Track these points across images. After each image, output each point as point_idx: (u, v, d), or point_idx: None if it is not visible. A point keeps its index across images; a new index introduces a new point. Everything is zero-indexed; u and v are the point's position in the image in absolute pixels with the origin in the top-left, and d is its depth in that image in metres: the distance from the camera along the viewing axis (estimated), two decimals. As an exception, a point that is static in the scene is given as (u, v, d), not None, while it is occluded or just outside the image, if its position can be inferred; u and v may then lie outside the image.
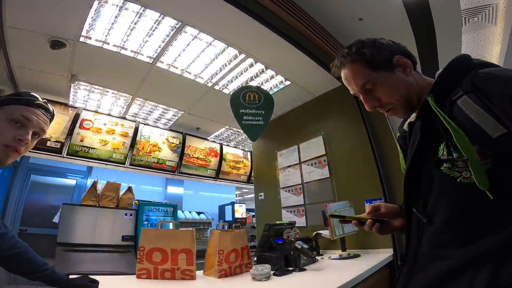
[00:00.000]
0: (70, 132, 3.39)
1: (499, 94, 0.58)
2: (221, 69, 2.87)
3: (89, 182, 4.96)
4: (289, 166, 3.35)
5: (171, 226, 4.03)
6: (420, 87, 0.79)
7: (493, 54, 4.54)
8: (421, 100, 0.75)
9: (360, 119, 2.77)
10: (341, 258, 2.15)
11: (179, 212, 4.97)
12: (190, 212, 5.56)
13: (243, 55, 2.63)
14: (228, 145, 5.05)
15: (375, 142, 2.68)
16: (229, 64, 2.78)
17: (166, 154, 4.11)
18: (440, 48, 3.18)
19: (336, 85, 2.98)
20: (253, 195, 3.95)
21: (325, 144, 3.03)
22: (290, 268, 1.68)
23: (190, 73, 2.92)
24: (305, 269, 1.70)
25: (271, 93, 2.90)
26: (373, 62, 0.80)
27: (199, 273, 1.60)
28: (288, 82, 3.05)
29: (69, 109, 3.43)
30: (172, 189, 6.23)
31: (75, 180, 5.12)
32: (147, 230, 1.54)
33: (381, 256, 2.09)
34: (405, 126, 0.85)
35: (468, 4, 3.06)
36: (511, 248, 0.55)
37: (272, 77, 3.00)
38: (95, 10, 2.11)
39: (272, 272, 1.53)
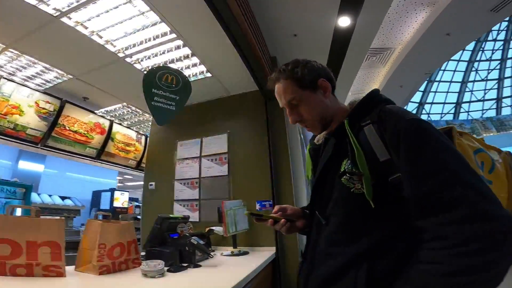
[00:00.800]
0: None
1: (390, 129, 0.72)
2: (142, 42, 2.50)
3: None
4: (189, 158, 3.23)
5: (19, 212, 3.12)
6: (334, 109, 0.92)
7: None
8: (333, 120, 0.91)
9: (264, 125, 2.98)
10: (232, 254, 2.22)
11: (34, 195, 3.93)
12: (50, 196, 4.48)
13: (174, 35, 2.37)
14: (120, 124, 4.37)
15: (273, 150, 2.92)
16: (154, 39, 2.46)
17: (30, 121, 3.15)
18: (340, 76, 3.79)
19: (251, 89, 3.10)
20: (137, 183, 3.56)
21: (229, 142, 3.09)
22: (185, 264, 1.60)
23: (101, 37, 2.41)
24: (200, 265, 1.66)
25: (191, 80, 2.74)
26: (301, 81, 0.91)
27: (69, 268, 1.33)
28: (209, 74, 2.95)
29: None
30: (27, 165, 4.89)
31: None
32: None
33: (266, 253, 2.28)
34: (318, 140, 0.97)
35: (377, 44, 3.87)
36: (377, 249, 0.70)
37: (194, 65, 2.83)
38: None
39: (166, 268, 1.42)
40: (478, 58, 15.22)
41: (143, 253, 1.74)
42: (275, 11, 2.69)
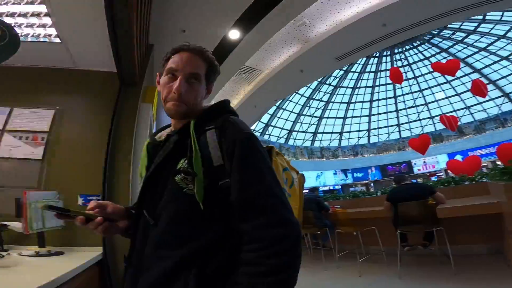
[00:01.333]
0: None
1: (229, 138, 0.78)
2: None
3: None
4: (-20, 129, 2.33)
5: None
6: (198, 106, 0.91)
7: (232, 104, 6.69)
8: (189, 116, 0.87)
9: (110, 112, 2.62)
10: (38, 255, 1.78)
11: None
12: None
13: None
14: None
15: (113, 138, 2.59)
16: None
17: None
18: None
19: (108, 69, 2.66)
20: None
21: (54, 120, 2.50)
22: None
23: None
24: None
25: (23, 40, 2.07)
26: (210, 71, 0.92)
27: None
28: (56, 40, 2.33)
29: None
30: None
31: None
32: None
33: (89, 254, 1.96)
34: (160, 137, 0.93)
35: (249, 63, 4.18)
36: (205, 251, 0.72)
37: (43, 25, 2.21)
38: None
39: None
40: (314, 96, 20.31)
41: None
42: (171, 4, 2.54)
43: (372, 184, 20.51)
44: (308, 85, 18.16)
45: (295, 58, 8.11)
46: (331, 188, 20.76)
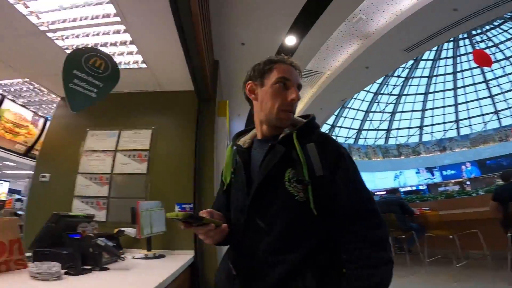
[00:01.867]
0: None
1: (332, 151, 0.86)
2: (76, 20, 2.16)
3: None
4: (100, 151, 2.88)
5: None
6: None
7: (298, 109, 6.60)
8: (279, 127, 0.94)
9: (194, 128, 2.93)
10: (146, 257, 2.08)
11: None
12: None
13: (117, 18, 2.11)
14: (13, 101, 3.53)
15: (199, 152, 2.88)
16: (92, 19, 2.14)
17: None
18: None
19: (186, 88, 3.00)
20: (21, 171, 2.95)
21: (152, 139, 2.91)
22: (88, 267, 1.42)
23: (27, 7, 1.99)
24: (107, 268, 1.50)
25: (119, 68, 2.48)
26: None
27: None
28: (143, 66, 2.72)
29: None
30: None
31: None
32: None
33: (184, 257, 2.20)
34: (244, 143, 1.00)
35: (311, 66, 4.24)
36: (315, 255, 0.78)
37: (130, 53, 2.58)
38: None
39: (63, 271, 1.23)
40: (382, 91, 18.79)
41: (28, 254, 1.46)
42: (231, 18, 2.76)
43: (468, 182, 17.27)
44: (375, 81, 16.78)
45: (358, 55, 7.65)
46: (414, 188, 18.42)
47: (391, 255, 0.76)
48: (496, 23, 15.39)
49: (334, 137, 0.99)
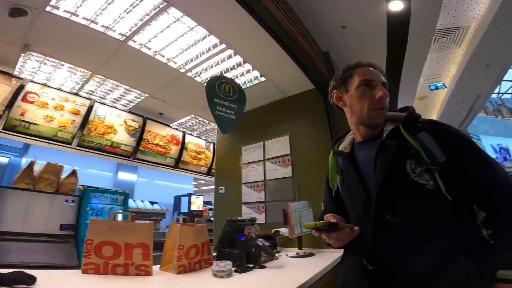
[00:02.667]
0: (10, 104, 2.92)
1: (453, 138, 0.86)
2: (197, 56, 2.72)
3: (24, 161, 4.37)
4: (253, 162, 3.34)
5: (120, 217, 3.76)
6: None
7: (448, 75, 5.05)
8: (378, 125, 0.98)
9: (326, 123, 2.87)
10: (297, 256, 2.20)
11: (131, 201, 4.66)
12: (142, 201, 5.24)
13: (223, 45, 2.52)
14: (191, 134, 4.84)
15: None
16: (207, 52, 2.65)
17: (122, 138, 3.78)
18: (405, 65, 3.43)
19: (308, 88, 3.03)
20: (209, 187, 3.86)
21: (290, 144, 3.08)
22: (250, 265, 1.67)
23: (163, 56, 2.72)
24: (265, 266, 1.70)
25: (244, 87, 2.83)
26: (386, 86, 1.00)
27: (155, 268, 1.49)
28: (263, 79, 3.02)
29: (13, 79, 2.97)
30: (124, 176, 5.82)
31: (8, 158, 4.47)
32: (97, 222, 1.39)
33: (333, 255, 2.18)
34: (345, 148, 1.05)
35: (443, 24, 3.37)
36: (461, 237, 0.78)
37: (248, 71, 2.94)
38: None
39: (233, 268, 1.50)
40: None
41: (214, 254, 1.87)
42: (319, 5, 2.58)
43: None
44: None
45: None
46: None
47: None
48: None
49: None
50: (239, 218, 2.31)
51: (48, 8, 2.09)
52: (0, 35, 2.41)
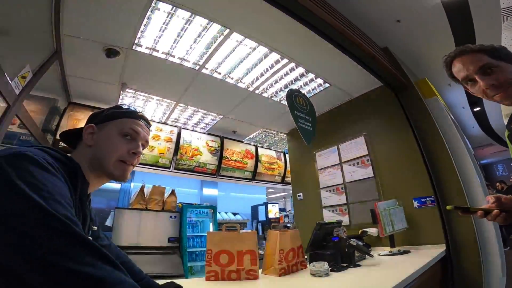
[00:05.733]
0: (121, 138, 3.61)
1: None
2: (262, 74, 2.94)
3: (133, 186, 5.25)
4: (330, 167, 3.37)
5: (211, 227, 4.22)
6: None
7: None
8: None
9: (403, 118, 2.76)
10: (391, 254, 2.16)
11: (217, 214, 5.14)
12: (226, 213, 5.72)
13: (285, 60, 2.69)
14: (262, 147, 5.14)
15: (420, 139, 2.64)
16: (270, 68, 2.85)
17: (207, 158, 4.29)
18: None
19: (375, 86, 2.97)
20: (278, 194, 3.95)
21: (367, 144, 3.02)
22: (345, 265, 1.72)
23: (232, 78, 2.99)
24: (360, 265, 1.74)
25: (309, 96, 2.92)
26: (494, 53, 0.90)
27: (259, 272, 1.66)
28: (327, 85, 3.08)
29: (119, 117, 3.68)
30: (208, 191, 6.43)
31: (120, 184, 5.43)
32: (213, 234, 1.61)
33: (432, 251, 2.07)
34: None
35: (506, 3, 2.90)
36: None
37: (311, 80, 3.04)
38: (148, 17, 2.18)
39: (329, 268, 1.58)
40: None
41: (306, 257, 1.97)
42: (368, 4, 2.55)
43: None
44: None
45: None
46: None
47: None
48: None
49: None
50: (327, 221, 2.38)
51: (134, 47, 2.43)
52: (102, 75, 2.83)
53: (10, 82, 2.05)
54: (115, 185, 5.46)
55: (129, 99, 3.46)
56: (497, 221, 0.89)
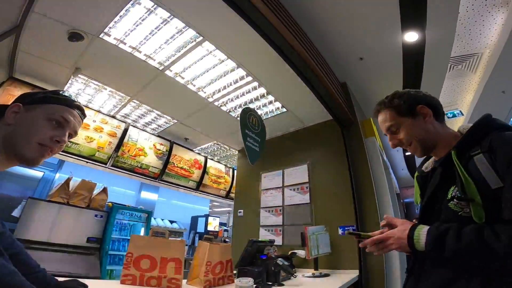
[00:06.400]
0: (53, 123, 3.28)
1: (500, 158, 0.76)
2: (225, 87, 2.99)
3: (58, 176, 4.72)
4: (272, 188, 3.51)
5: (142, 233, 3.95)
6: (437, 134, 0.96)
7: (465, 102, 5.12)
8: (438, 146, 0.96)
9: (343, 152, 3.04)
10: (313, 276, 2.31)
11: (152, 219, 4.86)
12: (162, 220, 5.45)
13: (250, 78, 2.78)
14: (212, 159, 5.12)
15: (353, 173, 2.93)
16: (234, 83, 2.92)
17: (151, 160, 4.09)
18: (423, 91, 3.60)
19: (326, 119, 3.24)
20: (223, 209, 3.98)
21: (309, 172, 3.24)
22: (270, 283, 1.78)
23: (194, 85, 2.99)
24: (283, 284, 1.81)
25: (266, 118, 3.05)
26: (399, 109, 1.00)
27: (182, 282, 1.63)
28: (284, 110, 3.25)
29: (60, 101, 3.35)
30: (146, 195, 6.09)
31: (42, 173, 4.83)
32: (138, 237, 1.55)
33: (348, 276, 2.28)
34: (426, 168, 1.04)
35: (457, 52, 3.51)
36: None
37: (271, 102, 3.18)
38: (126, 9, 2.14)
39: (254, 285, 1.62)
40: None
41: (235, 272, 1.99)
42: (338, 37, 2.80)
43: None
44: None
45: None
46: None
47: None
48: None
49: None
50: (260, 239, 2.45)
51: (101, 35, 2.36)
52: (57, 57, 2.67)
53: None
54: (37, 173, 4.83)
55: (78, 85, 3.22)
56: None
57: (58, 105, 0.85)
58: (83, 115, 0.94)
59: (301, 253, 2.49)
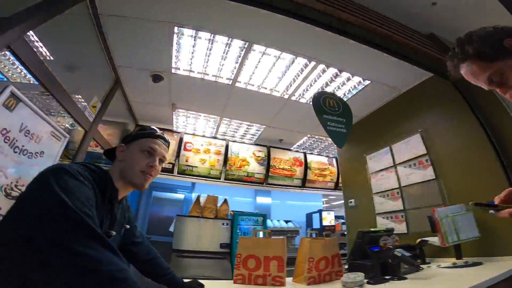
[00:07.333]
0: (177, 154, 4.05)
1: None
2: (294, 80, 2.92)
3: (193, 196, 5.70)
4: (382, 170, 3.07)
5: (261, 234, 4.24)
6: None
7: None
8: None
9: (466, 109, 2.33)
10: (454, 266, 1.82)
11: (268, 221, 5.15)
12: (278, 220, 5.68)
13: (313, 63, 2.63)
14: (311, 153, 5.01)
15: (492, 133, 2.19)
16: (301, 73, 2.81)
17: (254, 167, 4.39)
18: None
19: (425, 77, 2.63)
20: (341, 201, 3.76)
21: (424, 142, 2.65)
22: (387, 277, 1.53)
23: (266, 88, 3.06)
24: (405, 278, 1.52)
25: (350, 96, 2.74)
26: (484, 56, 0.77)
27: (288, 279, 1.60)
28: (367, 82, 2.86)
29: (174, 134, 4.13)
30: (261, 200, 6.51)
31: (183, 195, 5.94)
32: (244, 239, 1.64)
33: (508, 264, 1.67)
34: None
35: None
36: None
37: (348, 79, 2.88)
38: (176, 43, 2.42)
39: (365, 280, 1.43)
40: None
41: (346, 266, 1.82)
42: None
43: None
44: None
45: None
46: None
47: None
48: None
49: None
50: (372, 229, 2.17)
51: (173, 70, 2.71)
52: (155, 99, 3.19)
53: (84, 112, 2.50)
54: (179, 195, 6.00)
55: (182, 118, 3.85)
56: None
57: (146, 139, 1.05)
58: (167, 142, 1.13)
59: (434, 240, 2.05)
